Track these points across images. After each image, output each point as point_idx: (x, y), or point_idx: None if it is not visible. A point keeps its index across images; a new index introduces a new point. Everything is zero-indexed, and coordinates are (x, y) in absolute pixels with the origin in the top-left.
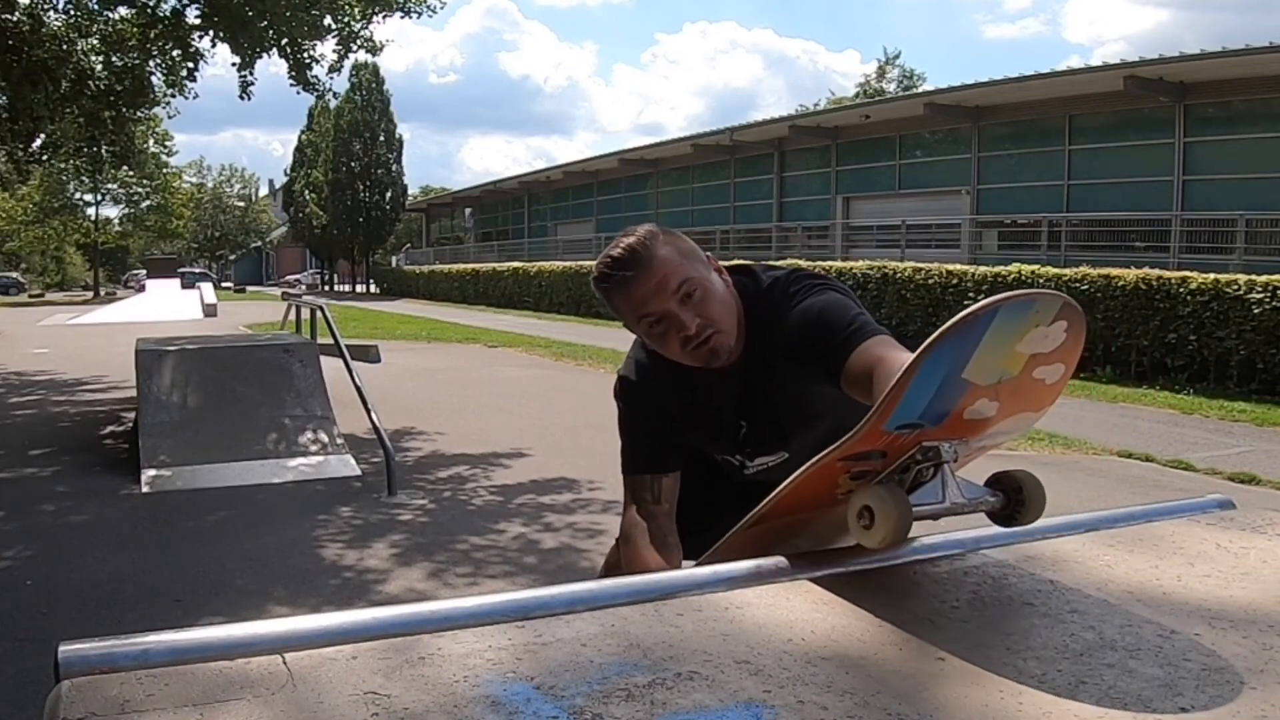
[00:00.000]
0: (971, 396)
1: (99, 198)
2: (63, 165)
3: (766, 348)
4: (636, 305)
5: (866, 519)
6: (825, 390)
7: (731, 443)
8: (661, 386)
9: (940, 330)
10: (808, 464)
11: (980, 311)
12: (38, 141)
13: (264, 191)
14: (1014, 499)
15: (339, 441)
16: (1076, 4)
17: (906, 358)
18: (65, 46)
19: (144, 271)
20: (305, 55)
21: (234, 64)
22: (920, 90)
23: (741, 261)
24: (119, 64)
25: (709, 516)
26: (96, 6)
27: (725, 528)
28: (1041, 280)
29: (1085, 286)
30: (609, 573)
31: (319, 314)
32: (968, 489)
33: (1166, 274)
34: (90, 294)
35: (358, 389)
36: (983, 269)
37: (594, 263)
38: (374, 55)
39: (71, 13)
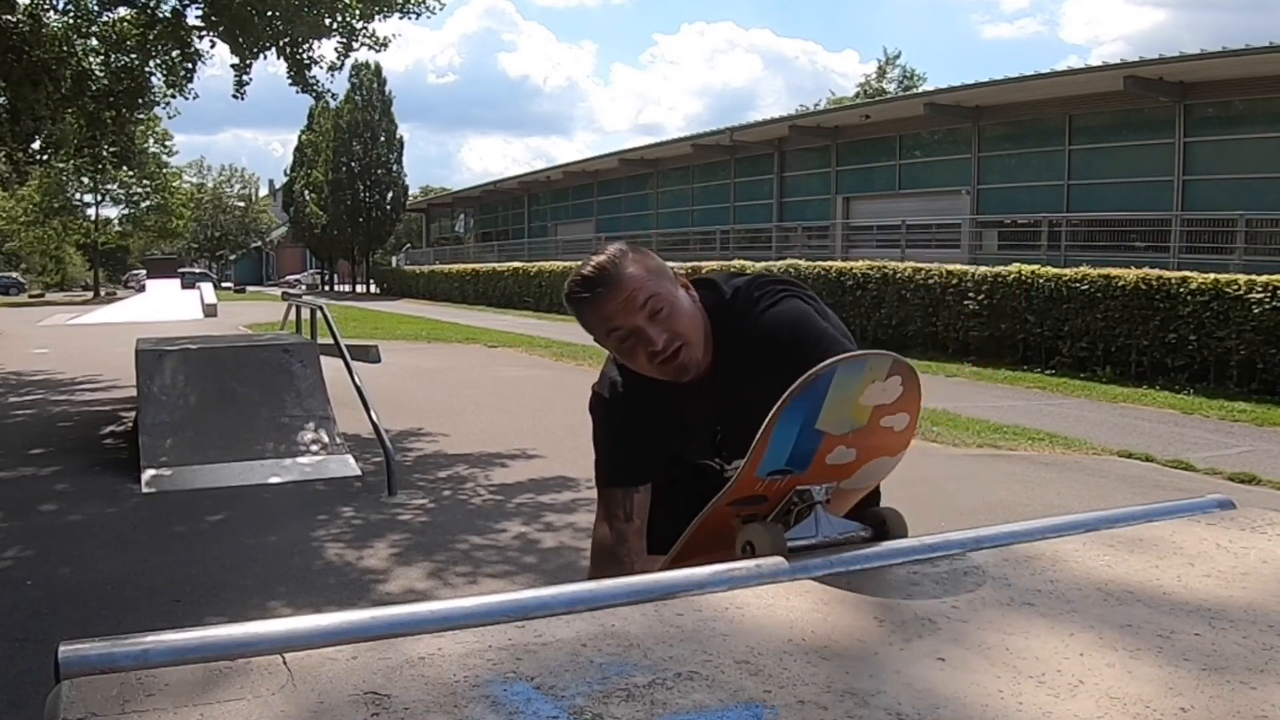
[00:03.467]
0: (828, 444)
1: (99, 198)
2: (63, 166)
3: (734, 357)
4: (605, 321)
5: (749, 551)
6: None
7: (708, 448)
8: (635, 400)
9: (789, 390)
10: (702, 511)
11: (820, 372)
12: (38, 142)
13: (264, 191)
14: (879, 531)
15: (339, 441)
16: (1074, 4)
17: None
18: (65, 47)
19: (144, 271)
20: (305, 55)
21: (233, 65)
22: (920, 90)
23: (705, 274)
24: (119, 64)
25: (689, 512)
26: (96, 7)
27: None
28: (1041, 279)
29: (1085, 286)
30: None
31: (319, 314)
32: (838, 525)
33: (1166, 274)
34: (90, 294)
35: (358, 389)
36: (983, 269)
37: (567, 282)
38: (379, 51)
39: (71, 13)
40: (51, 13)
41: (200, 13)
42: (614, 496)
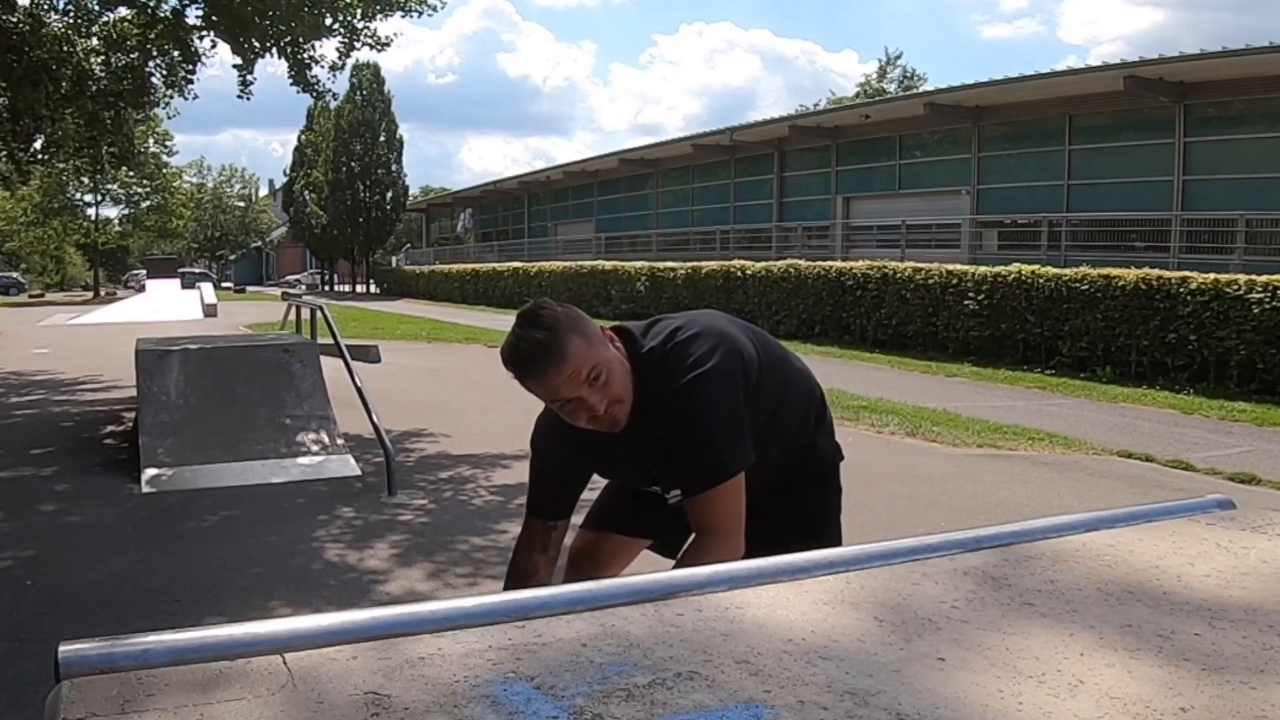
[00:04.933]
0: None
1: (99, 198)
2: (63, 165)
3: (653, 413)
4: (550, 392)
5: None
6: None
7: (647, 480)
8: (570, 440)
9: None
10: None
11: None
12: (38, 141)
13: (264, 191)
14: None
15: (339, 442)
16: (1073, 4)
17: (703, 541)
18: (65, 47)
19: (144, 271)
20: (305, 55)
21: (234, 65)
22: (920, 90)
23: (620, 325)
24: (119, 64)
25: (651, 506)
26: (96, 7)
27: (660, 520)
28: (1042, 279)
29: (1085, 286)
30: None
31: (319, 314)
32: None
33: (1166, 274)
34: (90, 294)
35: (358, 389)
36: (983, 269)
37: (505, 346)
38: (381, 51)
39: (71, 13)
40: (52, 13)
41: (200, 13)
42: (535, 527)
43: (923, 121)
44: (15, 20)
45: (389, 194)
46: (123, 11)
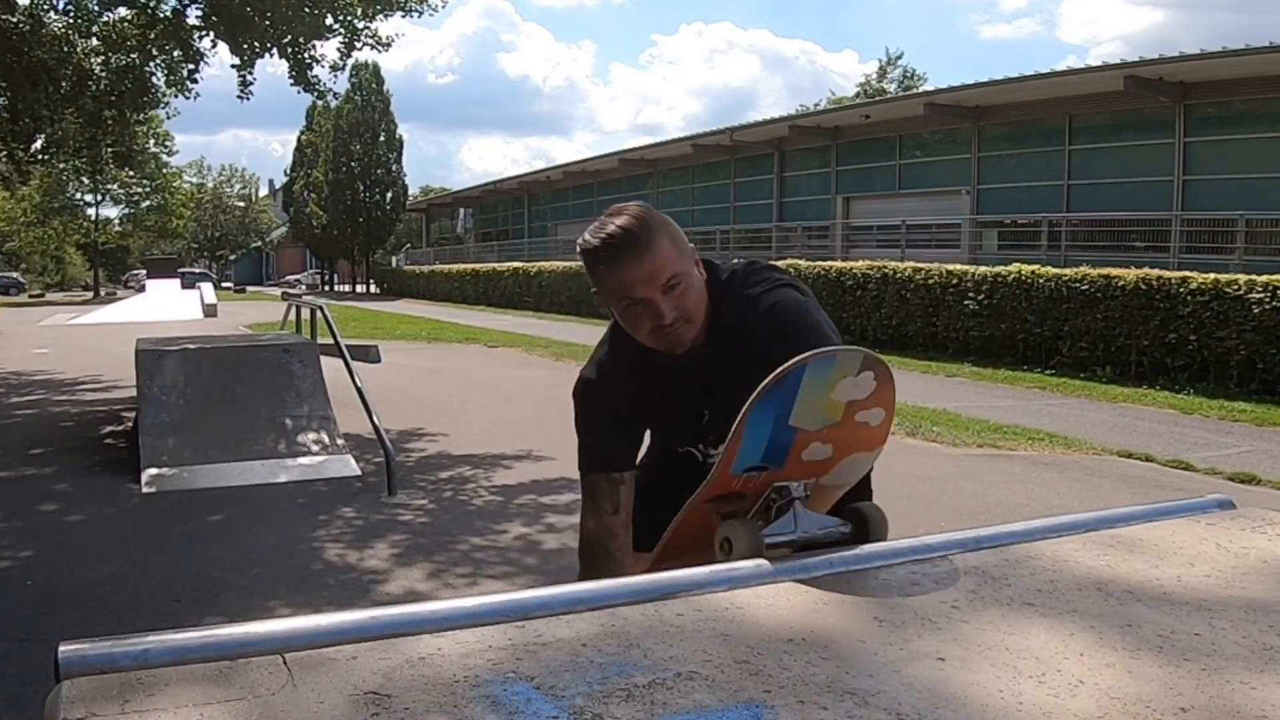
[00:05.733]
0: (803, 440)
1: (99, 198)
2: (63, 165)
3: (726, 339)
4: (623, 287)
5: (726, 548)
6: None
7: (694, 432)
8: (623, 384)
9: (759, 388)
10: (681, 510)
11: (790, 369)
12: (38, 141)
13: (264, 191)
14: (860, 527)
15: (339, 442)
16: (1072, 4)
17: None
18: (65, 47)
19: (144, 271)
20: (306, 55)
21: (233, 65)
22: (920, 90)
23: (703, 256)
24: (119, 64)
25: (670, 510)
26: (96, 7)
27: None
28: (1041, 279)
29: (1085, 286)
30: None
31: (319, 314)
32: (817, 521)
33: (1166, 274)
34: (90, 294)
35: (358, 389)
36: (983, 269)
37: (587, 233)
38: (382, 51)
39: (71, 13)
40: (52, 13)
41: (200, 13)
42: (599, 486)
43: (923, 121)
44: (15, 20)
45: (389, 194)
46: (123, 11)
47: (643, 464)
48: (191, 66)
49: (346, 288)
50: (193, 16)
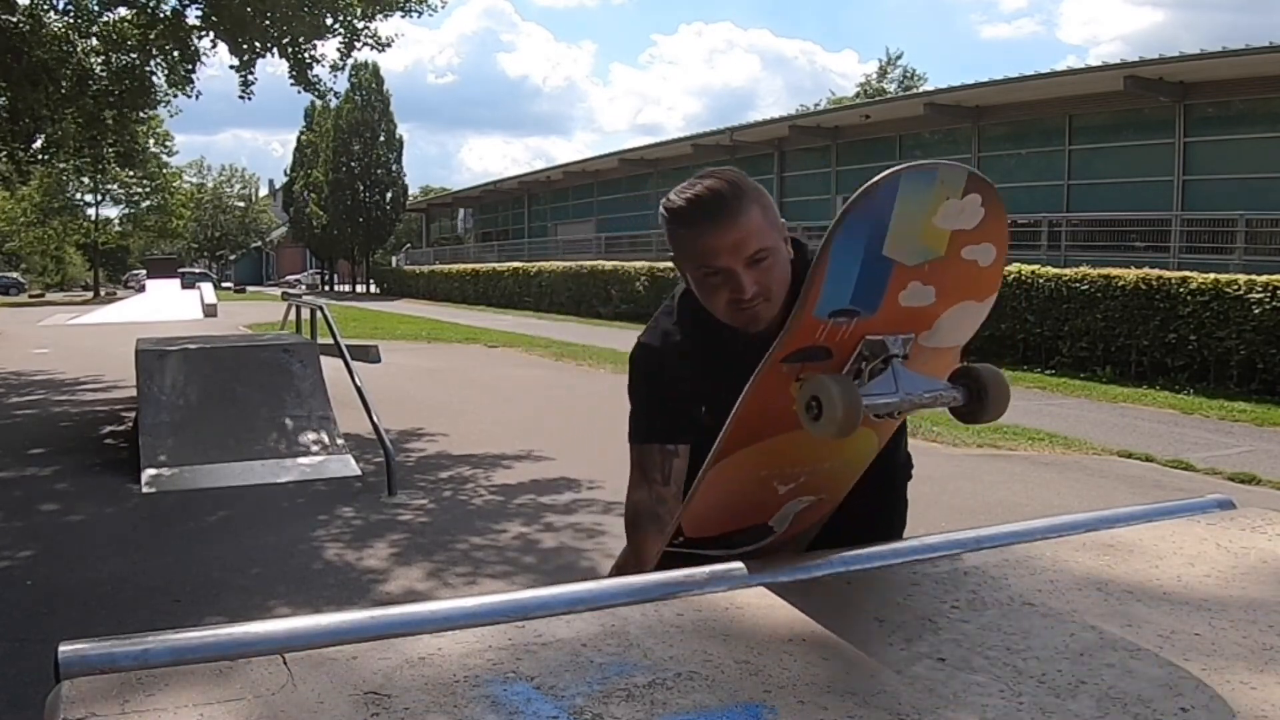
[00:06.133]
0: (900, 278)
1: (99, 198)
2: (63, 165)
3: None
4: (706, 255)
5: (815, 409)
6: None
7: None
8: (685, 355)
9: (844, 206)
10: (753, 375)
11: (881, 181)
12: (38, 141)
13: (264, 191)
14: (975, 393)
15: (339, 441)
16: (1072, 4)
17: None
18: (65, 47)
19: (144, 271)
20: (306, 55)
21: (232, 66)
22: (920, 90)
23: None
24: (119, 64)
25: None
26: (96, 7)
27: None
28: (1041, 279)
29: (1085, 286)
30: (619, 573)
31: (319, 314)
32: (922, 383)
33: (1166, 274)
34: (90, 294)
35: (358, 389)
36: None
37: (673, 193)
38: (382, 51)
39: (71, 13)
40: (52, 13)
41: (200, 13)
42: (650, 456)
43: (923, 121)
44: (15, 20)
45: (389, 194)
46: (123, 11)
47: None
48: (190, 66)
49: (346, 288)
50: (193, 16)
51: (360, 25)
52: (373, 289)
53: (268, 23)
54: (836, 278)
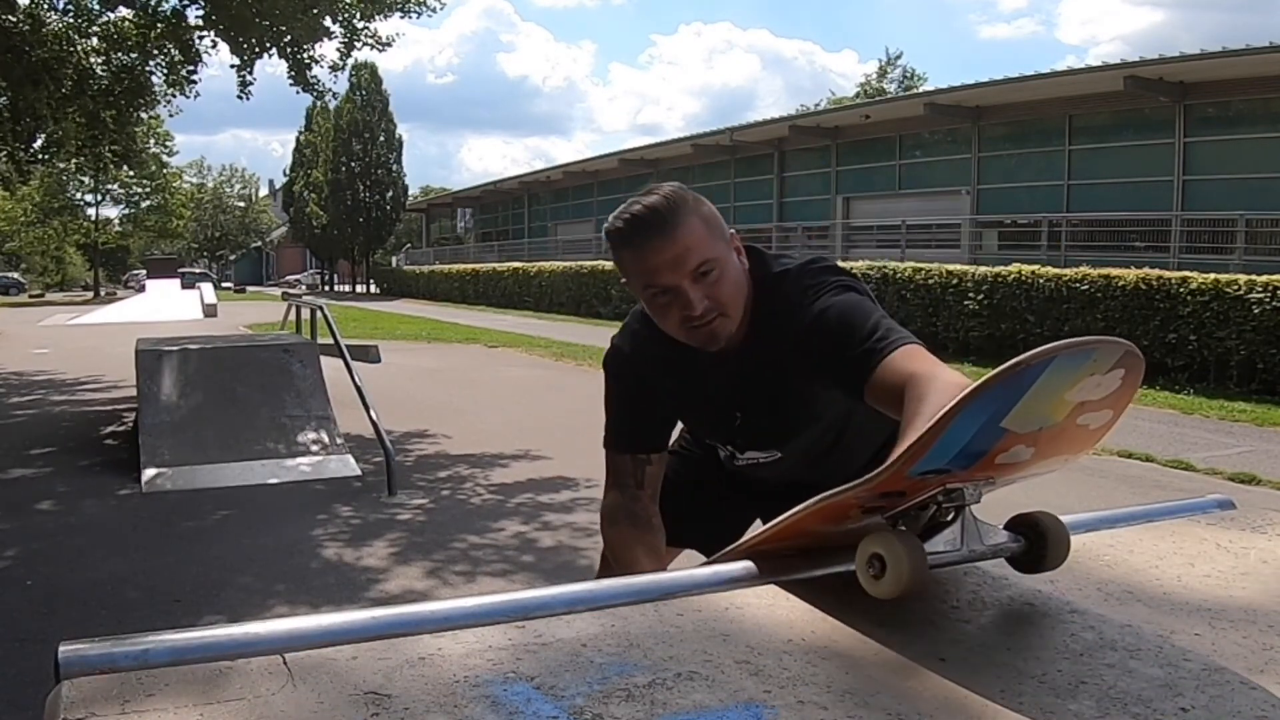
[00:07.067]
0: (1007, 443)
1: (99, 198)
2: (64, 165)
3: (771, 339)
4: (648, 273)
5: (876, 568)
6: (830, 394)
7: (725, 431)
8: (656, 362)
9: (985, 379)
10: (816, 500)
11: (1032, 361)
12: (39, 141)
13: (264, 191)
14: (1036, 543)
15: (339, 441)
16: (1071, 4)
17: (940, 376)
18: (66, 47)
19: (144, 271)
20: (305, 55)
21: (232, 66)
22: (920, 90)
23: (750, 244)
24: (120, 64)
25: (697, 502)
26: (96, 7)
27: (712, 516)
28: (1041, 279)
29: (1085, 286)
30: (604, 569)
31: (319, 314)
32: (987, 533)
33: (1166, 274)
34: (90, 294)
35: (358, 389)
36: (983, 269)
37: (612, 215)
38: (382, 51)
39: (71, 13)
40: (52, 12)
41: (200, 13)
42: (623, 465)
43: (923, 121)
44: (15, 20)
45: (389, 194)
46: (123, 11)
47: (673, 449)
48: (191, 66)
49: (346, 288)
50: (193, 16)
51: (360, 25)
52: (373, 289)
53: (267, 23)
54: (947, 445)
